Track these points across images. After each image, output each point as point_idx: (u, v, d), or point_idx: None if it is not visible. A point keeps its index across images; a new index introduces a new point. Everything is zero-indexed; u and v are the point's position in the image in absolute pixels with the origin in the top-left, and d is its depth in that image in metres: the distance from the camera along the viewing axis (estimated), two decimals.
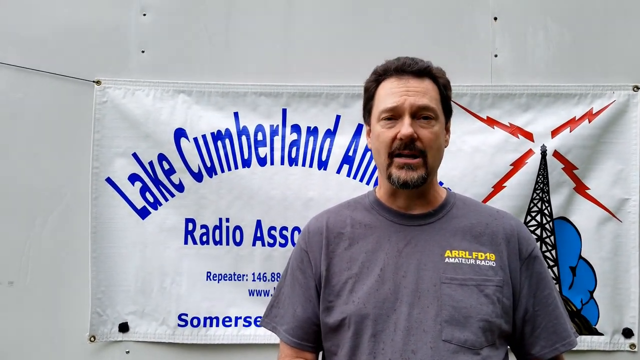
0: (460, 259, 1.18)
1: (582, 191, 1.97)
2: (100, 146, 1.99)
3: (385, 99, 1.21)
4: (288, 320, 1.29)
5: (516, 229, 1.24)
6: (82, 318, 1.97)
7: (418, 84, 1.20)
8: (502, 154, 1.97)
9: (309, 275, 1.28)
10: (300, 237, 1.35)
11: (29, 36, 2.02)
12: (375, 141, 1.24)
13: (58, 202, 2.01)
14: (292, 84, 2.02)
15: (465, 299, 1.13)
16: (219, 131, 2.01)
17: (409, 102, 1.18)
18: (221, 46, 2.04)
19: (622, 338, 1.94)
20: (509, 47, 2.03)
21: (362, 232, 1.25)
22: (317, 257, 1.27)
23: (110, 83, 2.00)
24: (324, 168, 2.01)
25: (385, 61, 1.27)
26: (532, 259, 1.22)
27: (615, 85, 1.98)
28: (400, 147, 1.17)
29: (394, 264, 1.18)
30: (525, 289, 1.21)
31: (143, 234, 1.99)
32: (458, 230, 1.22)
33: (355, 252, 1.23)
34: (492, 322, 1.13)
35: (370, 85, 1.28)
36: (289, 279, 1.33)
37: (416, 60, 1.22)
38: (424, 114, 1.19)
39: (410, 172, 1.17)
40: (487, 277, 1.16)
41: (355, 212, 1.30)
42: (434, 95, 1.22)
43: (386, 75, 1.24)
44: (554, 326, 1.21)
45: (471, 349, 1.11)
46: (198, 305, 1.99)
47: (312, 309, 1.27)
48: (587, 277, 1.95)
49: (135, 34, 2.03)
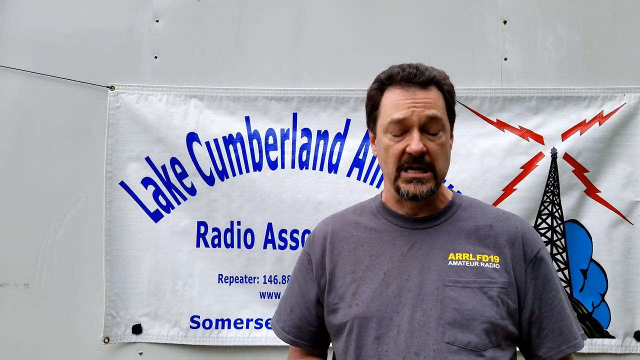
0: (464, 262, 1.18)
1: (593, 194, 1.97)
2: (114, 150, 2.02)
3: (391, 111, 1.19)
4: (285, 318, 1.35)
5: (521, 231, 1.23)
6: (96, 320, 1.99)
7: (424, 95, 1.18)
8: (513, 157, 1.97)
9: (309, 279, 1.30)
10: (306, 241, 1.38)
11: (42, 42, 2.06)
12: (383, 152, 1.23)
13: (72, 206, 2.04)
14: (303, 88, 2.04)
15: (469, 301, 1.13)
16: (230, 135, 2.03)
17: (417, 115, 1.16)
18: (232, 51, 2.07)
19: (633, 341, 1.93)
20: (519, 50, 2.03)
21: (366, 236, 1.26)
22: (319, 261, 1.28)
23: (123, 88, 2.03)
24: (334, 171, 2.02)
25: (389, 67, 1.25)
26: (538, 261, 1.21)
27: (625, 88, 1.97)
28: (409, 160, 1.17)
29: (398, 267, 1.19)
30: (531, 290, 1.20)
31: (156, 236, 2.02)
32: (462, 233, 1.22)
33: (359, 256, 1.24)
34: (496, 324, 1.13)
35: (374, 93, 1.26)
36: (291, 280, 1.39)
37: (421, 70, 1.19)
38: (431, 129, 1.18)
39: (419, 185, 1.17)
40: (491, 279, 1.16)
41: (360, 217, 1.31)
42: (440, 104, 1.20)
43: (391, 84, 1.22)
44: (560, 328, 1.20)
45: (474, 350, 1.11)
46: (210, 308, 2.01)
47: (307, 311, 1.30)
48: (598, 280, 1.94)
49: (148, 40, 2.06)
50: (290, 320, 1.33)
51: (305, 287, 1.32)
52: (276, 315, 1.39)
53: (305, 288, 1.31)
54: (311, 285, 1.30)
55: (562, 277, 1.95)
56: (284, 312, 1.36)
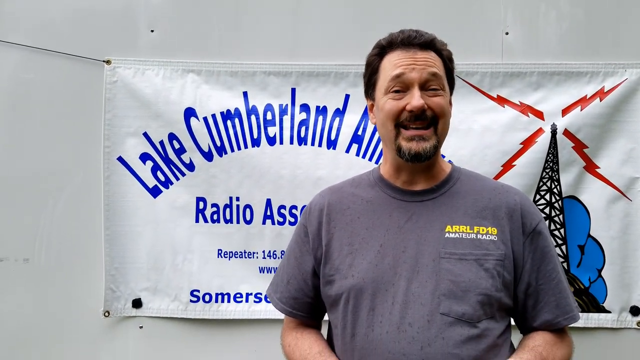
0: (461, 234, 1.17)
1: (592, 170, 1.96)
2: (112, 126, 2.01)
3: (391, 70, 1.19)
4: (282, 289, 1.35)
5: (520, 203, 1.23)
6: (96, 294, 2.01)
7: (424, 55, 1.19)
8: (512, 132, 1.96)
9: (305, 251, 1.31)
10: (302, 213, 1.38)
11: (38, 17, 2.03)
12: (382, 115, 1.21)
13: (71, 181, 2.03)
14: (301, 63, 2.01)
15: (464, 273, 1.14)
16: (228, 111, 2.02)
17: (417, 72, 1.17)
18: (230, 25, 2.04)
19: (629, 316, 1.95)
20: (520, 24, 2.01)
21: (363, 208, 1.26)
22: (316, 233, 1.29)
23: (120, 63, 2.01)
24: (333, 147, 2.02)
25: (388, 34, 1.25)
26: (537, 234, 1.22)
27: (627, 64, 1.96)
28: (410, 119, 1.16)
29: (394, 239, 1.19)
30: (528, 263, 1.21)
31: (155, 212, 2.02)
32: (460, 205, 1.21)
33: (356, 228, 1.24)
34: (491, 296, 1.14)
35: (374, 59, 1.26)
36: (287, 251, 1.39)
37: (421, 33, 1.21)
38: (432, 85, 1.18)
39: (422, 142, 1.16)
40: (488, 251, 1.16)
41: (357, 189, 1.31)
42: (439, 66, 1.21)
43: (391, 48, 1.22)
44: (557, 300, 1.21)
45: (469, 322, 1.11)
46: (210, 282, 2.02)
47: (304, 282, 1.31)
48: (595, 256, 1.96)
49: (144, 14, 2.03)
50: (287, 292, 1.34)
51: (301, 259, 1.32)
52: (272, 287, 1.40)
53: (302, 260, 1.32)
54: (307, 257, 1.31)
55: (559, 253, 1.96)
56: (281, 284, 1.36)
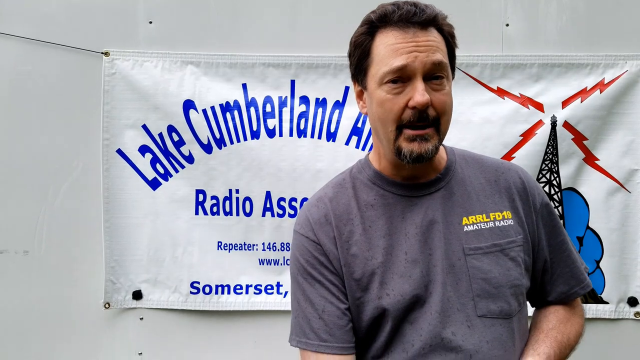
0: (479, 224, 1.10)
1: (592, 162, 1.97)
2: (111, 118, 2.00)
3: (389, 57, 1.01)
4: (317, 326, 1.09)
5: (525, 181, 1.17)
6: (96, 286, 2.02)
7: (426, 36, 1.01)
8: (512, 124, 1.96)
9: (327, 271, 1.12)
10: (302, 228, 1.16)
11: (37, 8, 2.01)
12: (377, 109, 1.05)
13: (70, 173, 2.03)
14: (301, 54, 2.00)
15: (493, 268, 1.07)
16: (227, 103, 2.01)
17: (420, 61, 0.99)
18: (229, 17, 2.02)
19: (627, 307, 1.97)
20: (521, 16, 2.00)
21: (372, 214, 1.12)
22: (330, 249, 1.12)
23: (118, 54, 2.00)
24: (332, 139, 2.01)
25: (378, 6, 1.05)
26: (545, 209, 1.17)
27: (627, 55, 1.95)
28: (414, 117, 1.01)
29: (417, 243, 1.09)
30: (543, 240, 1.16)
31: (154, 204, 2.02)
32: (470, 193, 1.14)
33: (371, 238, 1.11)
34: (520, 285, 1.10)
35: (363, 38, 1.07)
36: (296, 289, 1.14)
37: (421, 7, 1.02)
38: (436, 73, 1.02)
39: (423, 143, 1.03)
40: (510, 238, 1.11)
41: (357, 192, 1.16)
42: (443, 49, 1.04)
43: (384, 25, 1.04)
44: (571, 271, 1.19)
45: (506, 318, 1.07)
46: (209, 274, 2.03)
47: (342, 304, 1.11)
48: (594, 247, 1.96)
49: (143, 5, 2.02)
50: (328, 325, 1.09)
51: (326, 282, 1.11)
52: (299, 333, 1.11)
53: (329, 281, 1.11)
54: (333, 277, 1.11)
55: None
56: (314, 321, 1.09)
